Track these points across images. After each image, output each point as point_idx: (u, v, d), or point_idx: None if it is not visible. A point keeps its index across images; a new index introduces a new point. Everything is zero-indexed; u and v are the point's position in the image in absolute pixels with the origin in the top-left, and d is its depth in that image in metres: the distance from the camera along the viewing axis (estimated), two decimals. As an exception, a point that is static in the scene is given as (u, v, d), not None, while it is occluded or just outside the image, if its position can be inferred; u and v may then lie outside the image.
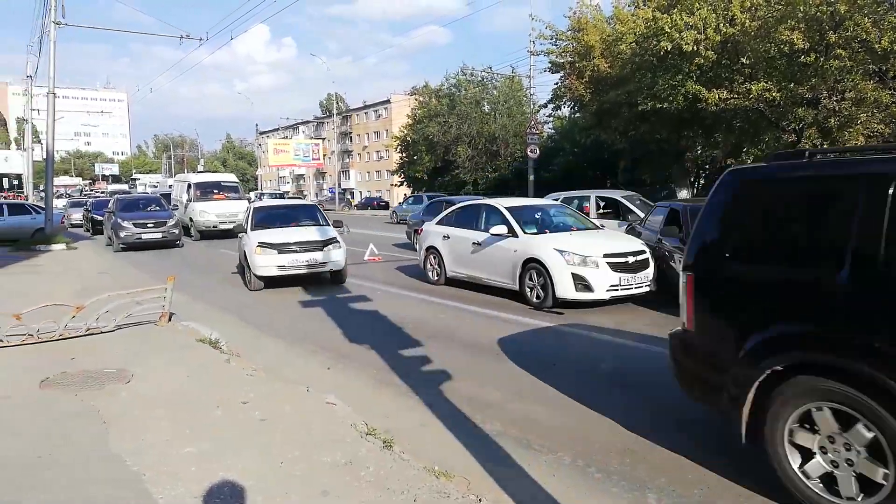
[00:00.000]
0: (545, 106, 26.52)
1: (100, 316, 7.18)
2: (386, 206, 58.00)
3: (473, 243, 10.25)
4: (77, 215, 30.91)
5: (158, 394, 5.15)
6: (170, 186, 34.24)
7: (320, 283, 11.96)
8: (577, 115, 27.22)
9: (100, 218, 24.76)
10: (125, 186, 73.02)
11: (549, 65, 22.73)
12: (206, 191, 23.34)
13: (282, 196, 53.06)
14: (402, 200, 48.89)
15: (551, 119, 34.93)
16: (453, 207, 11.62)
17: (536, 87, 37.25)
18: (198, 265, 15.33)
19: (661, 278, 9.06)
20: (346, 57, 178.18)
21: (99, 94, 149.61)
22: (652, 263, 9.07)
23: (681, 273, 4.11)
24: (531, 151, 25.08)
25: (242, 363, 6.11)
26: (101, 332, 7.15)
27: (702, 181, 23.46)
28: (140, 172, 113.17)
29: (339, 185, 73.30)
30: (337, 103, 75.25)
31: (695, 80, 16.75)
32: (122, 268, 14.78)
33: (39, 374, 5.67)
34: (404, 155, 48.68)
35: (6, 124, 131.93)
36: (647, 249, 9.21)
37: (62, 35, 19.94)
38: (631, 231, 11.01)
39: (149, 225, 18.93)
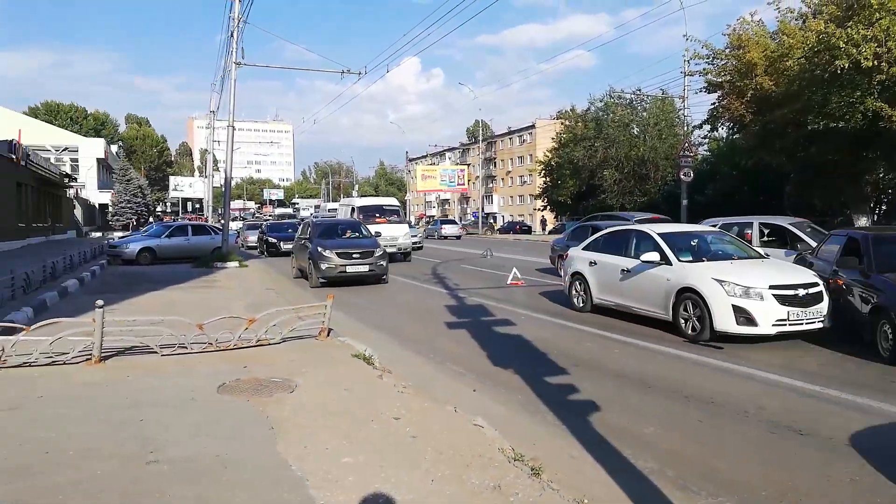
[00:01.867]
0: (700, 127, 25.20)
1: (268, 328, 7.82)
2: (528, 231, 57.93)
3: (622, 270, 9.94)
4: (253, 238, 32.81)
5: (319, 404, 5.50)
6: (330, 210, 36.67)
7: (464, 306, 12.19)
8: (737, 136, 25.58)
9: (273, 240, 26.99)
10: (289, 210, 79.21)
11: (706, 85, 21.60)
12: (370, 214, 23.67)
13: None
14: (554, 227, 48.51)
15: (706, 141, 33.18)
16: (601, 233, 11.35)
17: (690, 108, 35.64)
18: (352, 284, 16.21)
19: (837, 313, 8.20)
20: (492, 85, 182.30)
21: (269, 126, 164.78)
22: (826, 297, 8.23)
23: None
24: (684, 175, 23.93)
25: (394, 379, 6.36)
26: (270, 344, 7.78)
27: (883, 207, 21.00)
28: (301, 197, 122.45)
29: (483, 209, 74.55)
30: (482, 129, 76.87)
31: (875, 97, 15.12)
32: (285, 285, 15.99)
33: (217, 379, 6.27)
34: (548, 179, 48.52)
35: (192, 154, 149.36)
36: (821, 282, 8.40)
37: (241, 74, 22.25)
38: (801, 261, 10.08)
39: (354, 255, 15.54)
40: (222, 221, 24.50)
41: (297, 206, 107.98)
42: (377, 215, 23.90)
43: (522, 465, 4.24)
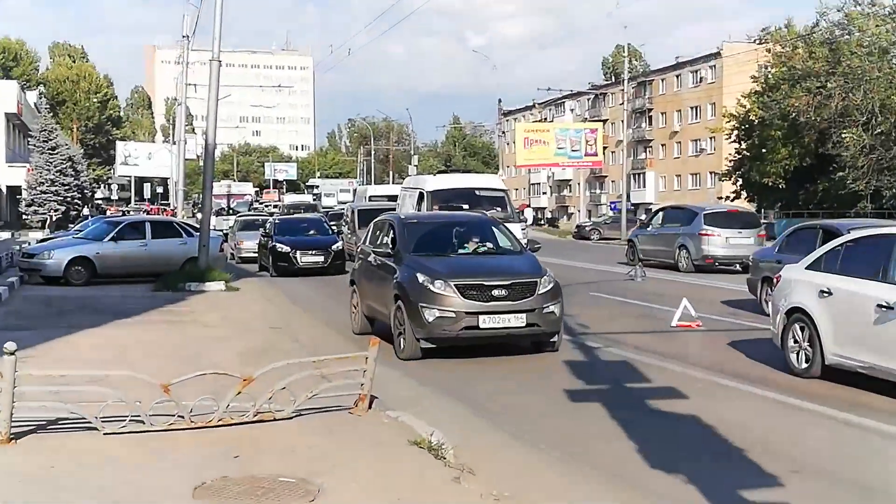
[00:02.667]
0: None
1: (274, 394, 7.99)
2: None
3: (880, 306, 9.59)
4: (251, 243, 33.11)
5: (355, 524, 5.58)
6: (372, 197, 37.20)
7: (598, 362, 12.11)
8: None
9: (284, 248, 27.33)
10: (307, 197, 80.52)
11: None
12: (450, 204, 22.88)
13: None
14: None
15: None
16: (841, 239, 11.03)
17: None
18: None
19: None
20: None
21: (275, 60, 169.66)
22: None
23: None
24: None
25: (479, 485, 6.39)
26: (277, 419, 7.96)
27: None
28: (326, 176, 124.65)
29: (628, 197, 73.26)
30: (630, 60, 76.07)
31: None
32: (300, 320, 16.36)
33: (193, 476, 6.46)
34: (744, 146, 47.61)
35: (151, 105, 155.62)
36: None
37: (233, -24, 22.94)
38: None
39: (495, 292, 12.38)
40: (199, 215, 25.35)
41: (316, 189, 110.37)
42: (464, 205, 22.90)
43: None
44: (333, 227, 31.99)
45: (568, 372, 11.38)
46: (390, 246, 13.88)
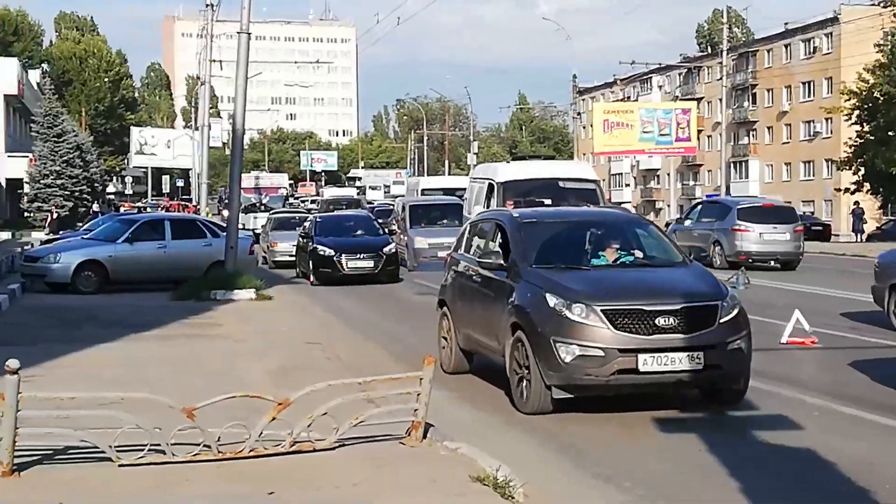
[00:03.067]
0: None
1: (313, 420, 8.03)
2: (825, 234, 55.75)
3: None
4: (286, 245, 33.17)
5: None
6: (426, 190, 37.09)
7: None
8: None
9: (328, 252, 27.04)
10: (351, 192, 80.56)
11: None
12: (528, 199, 22.47)
13: None
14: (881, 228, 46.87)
15: None
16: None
17: None
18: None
19: None
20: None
21: (312, 32, 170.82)
22: None
23: None
24: None
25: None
26: (315, 450, 7.99)
27: None
28: (371, 165, 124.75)
29: (728, 189, 72.69)
30: (730, 27, 75.23)
31: None
32: (343, 334, 16.45)
33: (220, 515, 6.54)
34: (866, 128, 46.92)
35: (170, 85, 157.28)
36: None
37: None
38: None
39: (667, 328, 11.58)
40: (225, 213, 25.59)
41: (359, 182, 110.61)
42: (545, 200, 22.19)
43: None
44: (383, 227, 31.71)
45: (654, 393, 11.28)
46: (501, 255, 11.82)
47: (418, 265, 27.28)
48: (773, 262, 30.10)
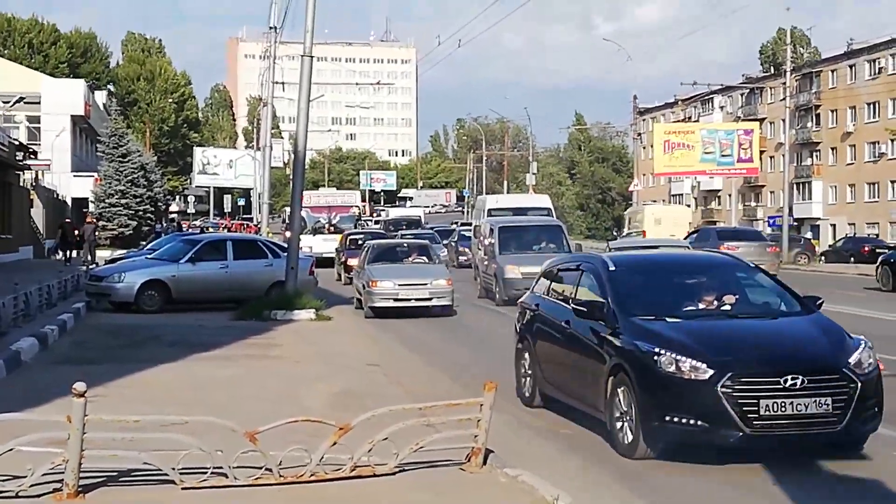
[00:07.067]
0: None
1: (374, 445, 8.05)
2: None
3: None
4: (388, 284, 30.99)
5: None
6: (494, 211, 34.77)
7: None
8: None
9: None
10: (415, 212, 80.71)
11: None
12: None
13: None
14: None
15: None
16: None
17: None
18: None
19: None
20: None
21: (373, 53, 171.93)
22: None
23: None
24: None
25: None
26: (375, 475, 8.00)
27: None
28: (430, 186, 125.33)
29: (791, 211, 71.90)
30: (794, 47, 74.57)
31: None
32: (402, 356, 16.49)
33: (281, 538, 6.56)
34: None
35: (233, 106, 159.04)
36: None
37: (328, -41, 23.29)
38: None
39: None
40: (288, 233, 25.77)
41: (411, 202, 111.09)
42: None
43: None
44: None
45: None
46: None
47: (509, 298, 23.23)
48: None
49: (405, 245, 24.33)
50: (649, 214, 60.51)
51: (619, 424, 9.56)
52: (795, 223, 71.19)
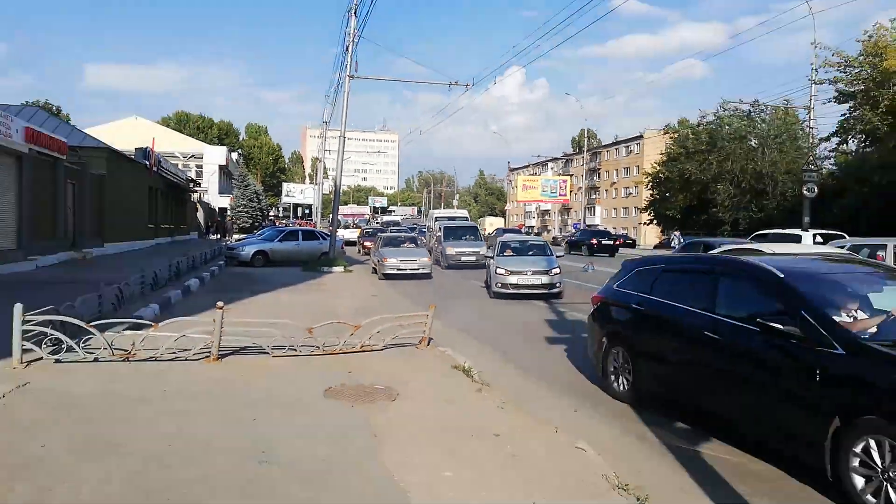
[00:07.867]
0: (827, 140, 23.57)
1: (372, 335, 8.02)
2: (633, 245, 56.08)
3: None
4: (394, 261, 27.02)
5: (420, 415, 5.56)
6: (438, 219, 32.81)
7: (564, 321, 11.88)
8: (869, 149, 23.63)
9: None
10: (396, 218, 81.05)
11: (836, 94, 20.19)
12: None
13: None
14: (660, 242, 46.88)
15: (834, 154, 30.80)
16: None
17: (816, 120, 32.81)
18: (450, 292, 16.30)
19: None
20: (596, 95, 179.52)
21: (376, 136, 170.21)
22: None
23: None
24: (807, 190, 22.36)
25: (493, 394, 6.32)
26: (373, 350, 7.97)
27: None
28: (404, 205, 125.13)
29: (584, 221, 73.21)
30: (588, 139, 75.39)
31: None
32: (388, 292, 16.39)
33: (323, 383, 6.50)
34: (655, 192, 46.85)
35: (303, 162, 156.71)
36: None
37: (352, 86, 22.96)
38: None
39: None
40: (331, 228, 25.62)
41: (392, 213, 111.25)
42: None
43: (627, 494, 4.08)
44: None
45: (547, 327, 11.11)
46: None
47: (447, 265, 23.82)
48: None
49: (403, 237, 24.02)
50: (487, 223, 69.05)
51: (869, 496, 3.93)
52: (587, 227, 71.90)
